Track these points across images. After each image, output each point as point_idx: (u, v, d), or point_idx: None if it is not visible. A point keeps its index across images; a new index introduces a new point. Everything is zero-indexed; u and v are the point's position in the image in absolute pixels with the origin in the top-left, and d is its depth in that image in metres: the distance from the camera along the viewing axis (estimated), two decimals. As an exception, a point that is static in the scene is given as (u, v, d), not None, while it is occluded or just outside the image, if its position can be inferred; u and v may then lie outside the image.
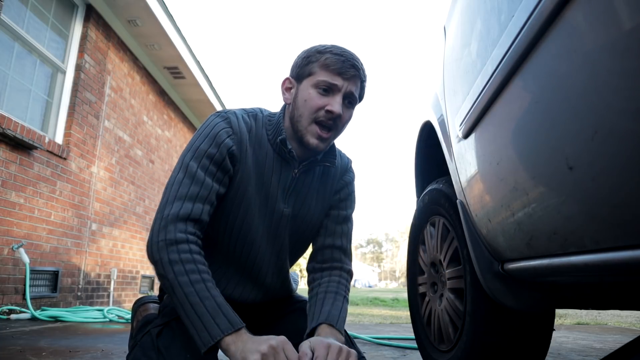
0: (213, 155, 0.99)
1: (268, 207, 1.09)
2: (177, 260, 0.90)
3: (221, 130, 1.02)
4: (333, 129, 1.05)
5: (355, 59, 1.06)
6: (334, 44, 1.08)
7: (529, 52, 0.82)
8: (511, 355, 1.35)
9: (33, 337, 2.30)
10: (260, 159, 1.08)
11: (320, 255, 1.18)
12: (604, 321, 4.23)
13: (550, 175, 0.82)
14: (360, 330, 3.12)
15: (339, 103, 1.02)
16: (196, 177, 0.97)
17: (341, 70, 1.02)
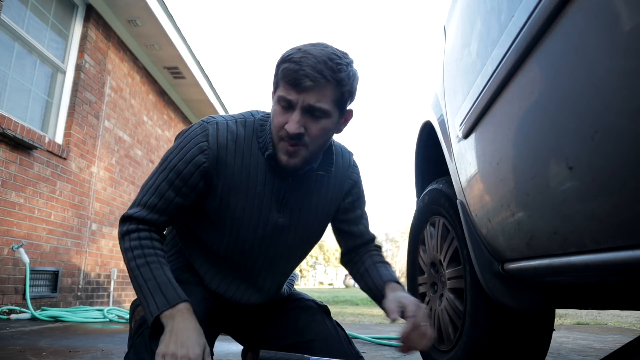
0: (181, 171, 0.99)
1: (262, 217, 1.06)
2: (127, 248, 0.98)
3: (195, 147, 1.00)
4: (300, 145, 0.96)
5: (320, 63, 0.92)
6: (304, 46, 0.97)
7: (529, 52, 0.82)
8: (511, 355, 1.35)
9: (33, 337, 2.30)
10: (250, 168, 1.03)
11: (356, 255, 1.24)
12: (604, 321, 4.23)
13: (550, 175, 0.82)
14: (360, 330, 3.12)
15: (295, 121, 0.93)
16: (159, 190, 1.00)
17: (295, 82, 0.92)
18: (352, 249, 1.24)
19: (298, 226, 1.12)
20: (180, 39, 5.44)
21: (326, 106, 0.94)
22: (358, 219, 1.22)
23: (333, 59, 0.93)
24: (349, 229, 1.22)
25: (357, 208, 1.21)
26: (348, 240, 1.24)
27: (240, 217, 1.05)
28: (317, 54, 0.93)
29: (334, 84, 0.94)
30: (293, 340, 1.12)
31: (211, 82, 6.69)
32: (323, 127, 0.97)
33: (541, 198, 0.87)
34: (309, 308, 1.19)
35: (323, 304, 1.23)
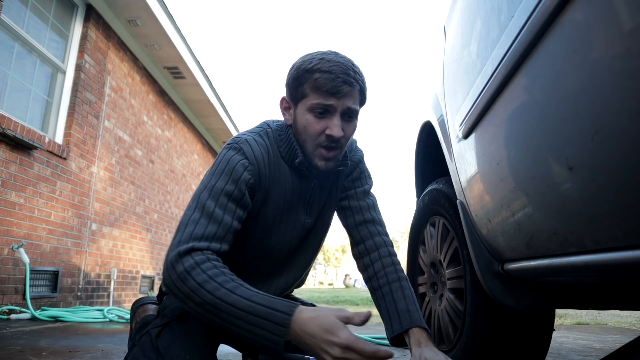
0: (231, 193, 0.95)
1: (290, 221, 1.09)
2: (206, 279, 0.84)
3: (237, 164, 0.98)
4: (338, 148, 1.02)
5: (347, 69, 0.99)
6: (323, 55, 1.01)
7: (529, 52, 0.82)
8: (511, 355, 1.35)
9: (33, 337, 2.30)
10: (280, 177, 1.06)
11: (357, 234, 1.19)
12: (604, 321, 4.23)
13: (550, 175, 0.82)
14: (360, 330, 3.12)
15: (337, 125, 0.99)
16: (214, 216, 0.92)
17: (333, 90, 0.97)
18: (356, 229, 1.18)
19: (320, 223, 1.16)
20: (180, 39, 5.45)
21: (357, 107, 1.03)
22: (360, 194, 1.21)
23: (354, 65, 1.02)
24: (349, 204, 1.20)
25: (359, 186, 1.21)
26: (348, 217, 1.20)
27: (271, 224, 1.07)
28: (341, 61, 0.99)
29: (359, 88, 1.02)
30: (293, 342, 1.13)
31: (211, 82, 6.69)
32: (354, 127, 1.05)
33: (541, 198, 0.87)
34: None
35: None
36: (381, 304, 1.11)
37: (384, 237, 1.19)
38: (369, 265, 1.16)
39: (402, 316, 1.05)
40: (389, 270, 1.14)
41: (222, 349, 2.06)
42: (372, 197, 1.23)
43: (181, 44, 5.50)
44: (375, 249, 1.17)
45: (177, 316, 1.02)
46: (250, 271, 1.12)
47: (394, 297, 1.09)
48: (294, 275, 1.18)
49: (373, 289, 1.14)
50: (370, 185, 1.24)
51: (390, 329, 1.07)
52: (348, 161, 1.12)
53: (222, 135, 8.50)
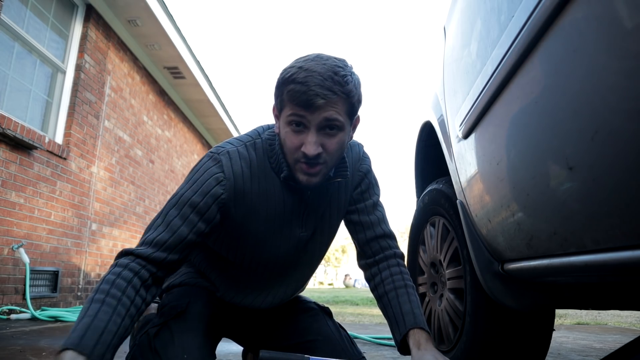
0: (196, 205, 0.93)
1: (283, 235, 1.05)
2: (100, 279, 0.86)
3: (210, 178, 0.95)
4: (320, 164, 0.95)
5: (325, 80, 0.90)
6: (304, 63, 0.93)
7: (529, 52, 0.82)
8: (511, 355, 1.35)
9: (33, 337, 2.30)
10: (268, 191, 1.01)
11: (369, 250, 1.15)
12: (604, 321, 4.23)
13: (550, 175, 0.82)
14: (360, 330, 3.12)
15: (311, 142, 0.91)
16: (170, 225, 0.92)
17: (306, 103, 0.90)
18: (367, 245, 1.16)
19: (319, 235, 1.11)
20: (180, 39, 5.44)
21: (340, 118, 0.93)
22: (370, 208, 1.16)
23: (338, 72, 0.92)
24: (359, 219, 1.15)
25: (367, 198, 1.16)
26: (359, 233, 1.16)
27: (262, 240, 1.04)
28: (320, 70, 0.91)
29: (344, 97, 0.93)
30: (294, 340, 1.13)
31: (211, 82, 6.69)
32: (339, 141, 0.95)
33: (541, 198, 0.87)
34: (310, 309, 1.20)
35: (324, 306, 1.23)
36: (387, 310, 1.09)
37: (395, 250, 1.16)
38: (377, 274, 1.14)
39: (406, 318, 1.03)
40: (397, 277, 1.11)
41: (222, 349, 2.06)
42: (381, 208, 1.18)
43: (181, 44, 5.50)
44: (385, 259, 1.14)
45: (175, 315, 1.01)
46: (249, 282, 1.12)
47: (400, 300, 1.07)
48: (295, 285, 1.17)
49: (380, 295, 1.12)
50: (379, 195, 1.19)
51: (397, 333, 1.05)
52: (347, 172, 1.06)
53: (222, 135, 8.50)
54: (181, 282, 1.12)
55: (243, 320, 1.20)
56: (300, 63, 0.94)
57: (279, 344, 1.13)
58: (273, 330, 1.18)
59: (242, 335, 1.24)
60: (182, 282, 1.12)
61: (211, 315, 1.08)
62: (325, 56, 0.96)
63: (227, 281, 1.12)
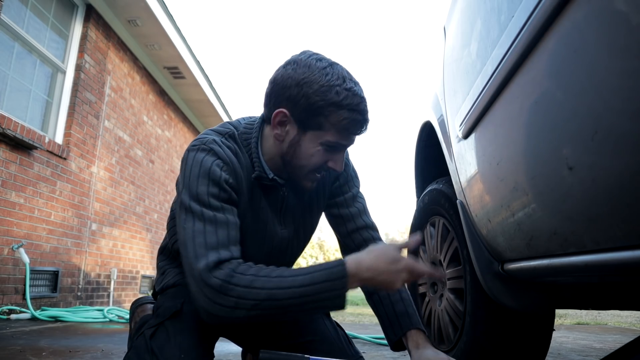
0: (217, 195, 0.90)
1: (267, 232, 1.04)
2: (251, 280, 0.83)
3: (212, 165, 0.92)
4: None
5: (367, 106, 0.95)
6: (348, 82, 0.92)
7: (529, 52, 0.82)
8: (511, 355, 1.35)
9: (33, 337, 2.30)
10: (250, 183, 1.01)
11: (351, 242, 1.15)
12: (604, 321, 4.23)
13: (550, 175, 0.82)
14: (360, 330, 3.12)
15: (342, 161, 0.98)
16: (217, 221, 0.88)
17: (357, 131, 0.95)
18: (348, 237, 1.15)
19: (299, 231, 1.11)
20: (180, 39, 5.45)
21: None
22: (349, 201, 1.15)
23: (366, 99, 0.96)
24: (339, 212, 1.15)
25: (347, 191, 1.15)
26: (340, 226, 1.16)
27: (244, 234, 1.01)
28: (364, 95, 0.95)
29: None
30: (293, 340, 1.12)
31: (211, 82, 6.69)
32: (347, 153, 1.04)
33: (541, 198, 0.87)
34: None
35: None
36: (379, 308, 1.08)
37: (378, 242, 1.14)
38: None
39: (401, 319, 1.03)
40: None
41: (222, 349, 2.06)
42: (361, 199, 1.18)
43: (181, 44, 5.50)
44: None
45: (171, 315, 1.01)
46: None
47: (392, 299, 1.06)
48: None
49: (369, 293, 1.11)
50: (358, 187, 1.18)
51: (391, 332, 1.05)
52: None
53: (222, 135, 8.49)
54: (175, 283, 1.12)
55: None
56: (344, 84, 0.92)
57: (276, 344, 1.13)
58: (270, 330, 1.18)
59: (239, 335, 1.24)
60: (176, 283, 1.12)
61: None
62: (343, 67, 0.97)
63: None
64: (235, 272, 0.84)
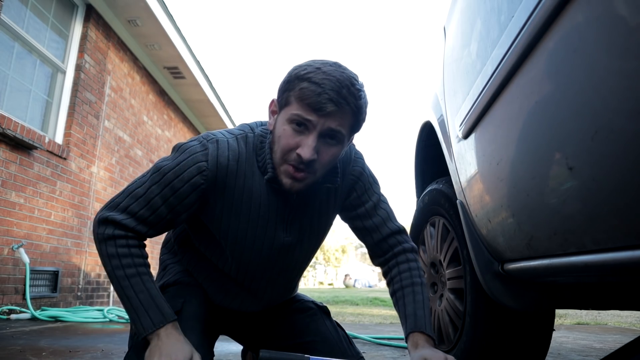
0: (177, 190, 0.93)
1: (266, 239, 1.02)
2: (114, 254, 0.92)
3: (193, 166, 0.93)
4: (308, 172, 0.92)
5: (342, 87, 0.88)
6: (322, 64, 0.91)
7: (529, 52, 0.82)
8: (511, 355, 1.35)
9: (33, 337, 2.30)
10: (253, 189, 0.98)
11: (379, 250, 1.13)
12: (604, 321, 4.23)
13: (550, 175, 0.82)
14: (360, 330, 3.12)
15: (310, 146, 0.88)
16: (151, 203, 0.94)
17: (316, 105, 0.87)
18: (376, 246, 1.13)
19: (305, 240, 1.09)
20: (180, 39, 5.45)
21: (343, 131, 0.92)
22: (371, 211, 1.11)
23: (354, 84, 0.90)
24: (363, 225, 1.12)
25: (367, 201, 1.11)
26: (366, 237, 1.13)
27: (242, 240, 1.01)
28: (338, 76, 0.89)
29: (354, 111, 0.91)
30: (293, 341, 1.12)
31: (211, 82, 6.69)
32: (334, 154, 0.94)
33: (541, 198, 0.87)
34: (308, 309, 1.19)
35: (322, 305, 1.22)
36: (396, 308, 1.09)
37: (404, 245, 1.12)
38: (388, 272, 1.13)
39: (408, 320, 1.03)
40: (404, 276, 1.09)
41: (222, 349, 2.06)
42: (384, 206, 1.13)
43: (181, 44, 5.50)
44: (394, 257, 1.12)
45: None
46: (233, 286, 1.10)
47: (405, 301, 1.06)
48: (281, 290, 1.15)
49: (391, 294, 1.12)
50: (379, 194, 1.14)
51: (403, 331, 1.06)
52: (338, 178, 1.03)
53: (222, 135, 8.49)
54: (175, 281, 1.12)
55: (239, 320, 1.20)
56: (318, 64, 0.91)
57: (277, 344, 1.13)
58: (270, 330, 1.18)
59: (240, 334, 1.24)
60: (177, 281, 1.12)
61: (207, 314, 1.08)
62: (342, 65, 0.94)
63: (212, 285, 1.11)
64: (113, 239, 0.93)
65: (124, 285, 0.92)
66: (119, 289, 0.93)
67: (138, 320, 0.90)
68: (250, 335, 1.22)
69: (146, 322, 0.90)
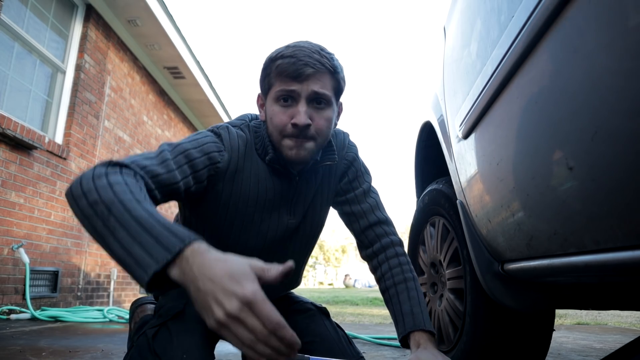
0: (193, 158, 0.91)
1: (271, 222, 1.05)
2: (120, 182, 0.71)
3: (212, 142, 0.96)
4: (309, 138, 0.95)
5: (312, 53, 0.93)
6: (289, 43, 0.98)
7: (529, 52, 0.82)
8: (511, 355, 1.35)
9: (33, 337, 2.30)
10: (259, 174, 1.02)
11: (365, 239, 1.14)
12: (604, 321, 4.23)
13: (550, 175, 0.82)
14: (360, 330, 3.12)
15: (302, 112, 0.92)
16: (166, 164, 0.85)
17: (295, 73, 0.92)
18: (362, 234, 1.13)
19: (307, 223, 1.11)
20: (180, 39, 5.45)
21: (328, 93, 0.95)
22: (360, 197, 1.14)
23: (323, 49, 0.97)
24: (351, 209, 1.14)
25: (357, 187, 1.14)
26: (353, 223, 1.14)
27: (250, 224, 1.03)
28: (307, 46, 0.96)
29: (332, 71, 0.96)
30: None
31: (211, 82, 6.70)
32: (327, 117, 0.97)
33: (541, 198, 0.87)
34: (307, 310, 1.19)
35: (321, 306, 1.22)
36: (389, 307, 1.08)
37: (392, 237, 1.14)
38: (377, 268, 1.12)
39: (405, 319, 1.02)
40: (396, 272, 1.09)
41: (222, 349, 2.06)
42: (374, 195, 1.16)
43: (181, 44, 5.51)
44: (382, 250, 1.12)
45: (173, 315, 1.01)
46: None
47: (400, 299, 1.06)
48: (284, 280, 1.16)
49: (382, 291, 1.12)
50: (369, 182, 1.17)
51: (398, 331, 1.05)
52: (335, 155, 1.06)
53: (222, 135, 8.50)
54: None
55: None
56: (287, 45, 0.98)
57: None
58: None
59: None
60: None
61: None
62: (308, 41, 1.00)
63: None
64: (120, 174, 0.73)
65: (130, 208, 0.66)
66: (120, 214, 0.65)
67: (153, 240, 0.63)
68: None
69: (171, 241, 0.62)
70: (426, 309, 1.05)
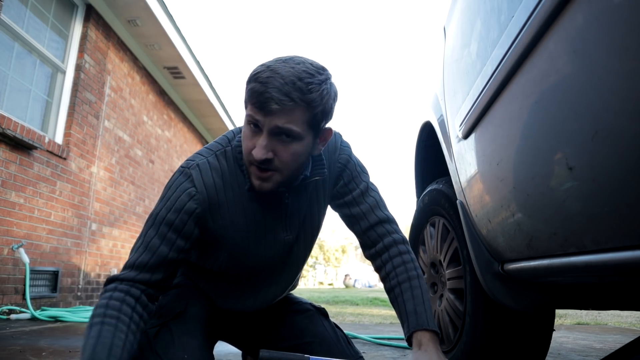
0: (172, 222, 0.93)
1: (267, 242, 1.04)
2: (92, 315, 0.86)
3: (183, 194, 0.94)
4: (273, 170, 0.91)
5: (287, 84, 0.85)
6: (273, 63, 0.90)
7: (529, 52, 0.82)
8: (511, 355, 1.35)
9: (33, 337, 2.30)
10: (244, 199, 0.99)
11: (367, 239, 1.11)
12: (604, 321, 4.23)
13: (550, 175, 0.82)
14: (360, 330, 3.12)
15: (260, 145, 0.88)
16: (149, 246, 0.92)
17: (261, 105, 0.86)
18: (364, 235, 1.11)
19: (304, 234, 1.10)
20: (180, 39, 5.44)
21: (296, 128, 0.88)
22: (358, 198, 1.10)
23: (303, 79, 0.87)
24: (350, 212, 1.11)
25: (354, 188, 1.10)
26: (354, 225, 1.12)
27: (246, 248, 1.02)
28: (285, 73, 0.86)
29: (304, 106, 0.87)
30: (291, 342, 1.13)
31: (211, 82, 6.69)
32: (294, 152, 0.91)
33: (541, 198, 0.87)
34: (306, 311, 1.20)
35: (320, 307, 1.23)
36: (394, 307, 1.07)
37: (394, 236, 1.10)
38: (381, 267, 1.10)
39: (409, 319, 1.00)
40: (399, 271, 1.06)
41: (222, 349, 2.06)
42: (373, 193, 1.12)
43: (181, 44, 5.50)
44: (385, 250, 1.09)
45: (174, 315, 1.01)
46: (237, 288, 1.11)
47: (404, 298, 1.03)
48: (283, 285, 1.16)
49: (387, 291, 1.10)
50: (367, 181, 1.12)
51: (403, 331, 1.04)
52: (325, 170, 1.03)
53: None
54: (177, 284, 1.13)
55: (239, 323, 1.20)
56: (270, 62, 0.90)
57: (275, 346, 1.13)
58: (269, 332, 1.18)
59: (239, 338, 1.24)
60: (179, 284, 1.13)
61: (209, 317, 1.08)
62: (300, 59, 0.91)
63: (215, 289, 1.12)
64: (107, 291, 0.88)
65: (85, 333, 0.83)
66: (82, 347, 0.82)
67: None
68: (249, 338, 1.22)
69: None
70: (430, 307, 1.02)
